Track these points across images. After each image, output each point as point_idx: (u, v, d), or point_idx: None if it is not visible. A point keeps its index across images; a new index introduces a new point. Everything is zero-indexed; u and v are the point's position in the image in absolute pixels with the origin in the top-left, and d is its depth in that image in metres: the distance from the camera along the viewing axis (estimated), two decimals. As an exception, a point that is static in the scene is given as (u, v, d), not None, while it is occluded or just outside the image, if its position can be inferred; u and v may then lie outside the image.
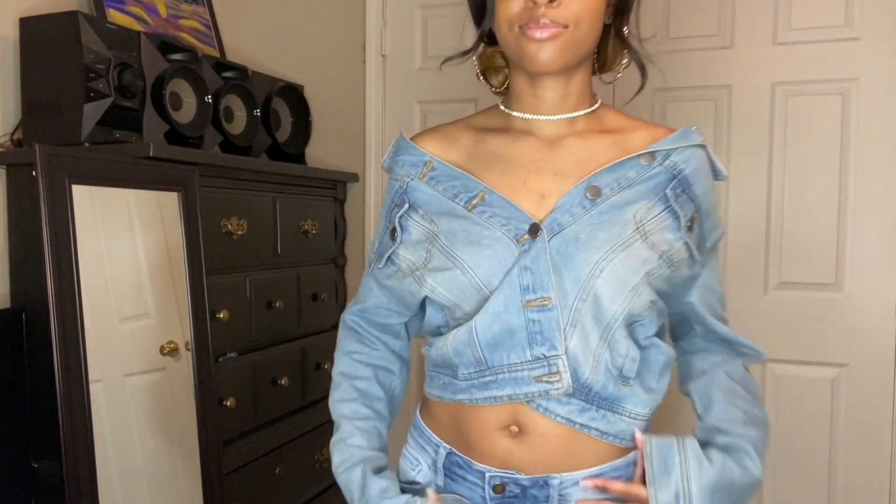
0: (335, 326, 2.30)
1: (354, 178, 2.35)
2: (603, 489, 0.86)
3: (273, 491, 2.00)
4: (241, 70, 2.05)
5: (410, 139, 0.96)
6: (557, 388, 0.83)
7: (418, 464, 0.97)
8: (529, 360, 0.84)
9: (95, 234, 1.47)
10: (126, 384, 1.54)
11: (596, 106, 0.94)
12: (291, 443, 2.08)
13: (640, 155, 0.87)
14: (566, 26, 0.83)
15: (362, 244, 2.37)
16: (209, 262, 1.70)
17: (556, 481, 0.86)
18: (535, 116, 0.91)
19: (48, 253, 1.31)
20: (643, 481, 0.86)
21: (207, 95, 1.85)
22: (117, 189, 1.51)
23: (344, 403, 1.04)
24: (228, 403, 1.80)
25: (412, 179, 0.93)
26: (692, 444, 0.88)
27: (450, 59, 0.96)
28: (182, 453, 1.64)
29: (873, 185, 1.86)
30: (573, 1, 0.82)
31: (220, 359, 1.82)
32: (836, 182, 1.89)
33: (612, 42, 0.93)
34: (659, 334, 0.91)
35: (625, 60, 0.94)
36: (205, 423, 1.66)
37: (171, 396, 1.64)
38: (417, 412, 1.02)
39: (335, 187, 2.31)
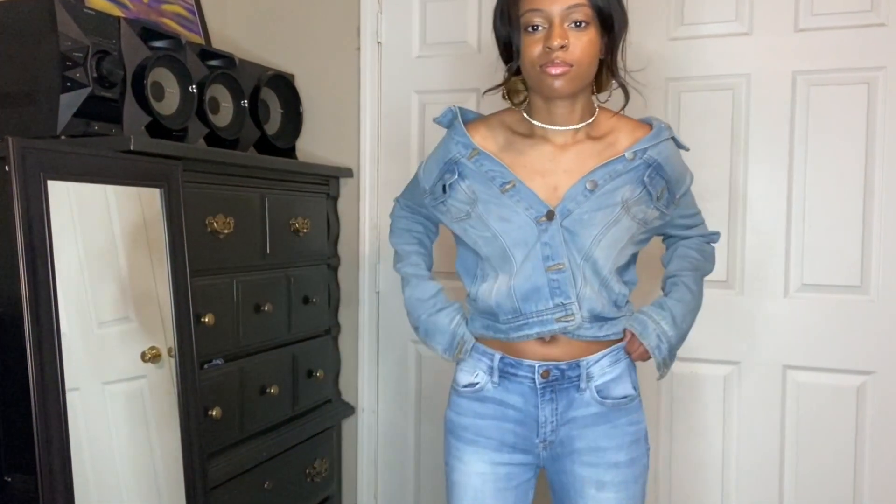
0: (327, 331, 2.32)
1: (348, 173, 2.35)
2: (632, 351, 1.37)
3: (261, 507, 2.00)
4: (228, 58, 2.05)
5: (464, 124, 1.37)
6: (571, 325, 1.30)
7: (475, 371, 1.38)
8: (551, 308, 1.30)
9: (72, 233, 1.47)
10: (105, 393, 1.54)
11: (594, 116, 1.35)
12: (281, 455, 2.08)
13: (624, 154, 1.31)
14: (571, 65, 1.23)
15: (356, 244, 2.37)
16: (193, 262, 1.70)
17: (584, 363, 1.33)
18: (550, 126, 1.32)
19: (22, 253, 1.31)
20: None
21: (192, 85, 1.85)
22: (96, 185, 1.51)
23: (405, 242, 1.52)
24: (214, 413, 1.80)
25: (462, 157, 1.34)
26: (649, 308, 1.39)
27: (490, 90, 1.39)
28: (164, 467, 1.64)
29: (901, 181, 1.87)
30: (576, 48, 1.23)
31: (206, 366, 1.82)
32: (861, 177, 1.89)
33: (605, 72, 1.33)
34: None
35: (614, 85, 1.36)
36: (189, 435, 1.66)
37: (153, 406, 1.64)
38: None
39: (328, 183, 2.32)
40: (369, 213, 2.34)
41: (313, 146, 2.41)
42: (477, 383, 1.37)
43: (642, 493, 1.38)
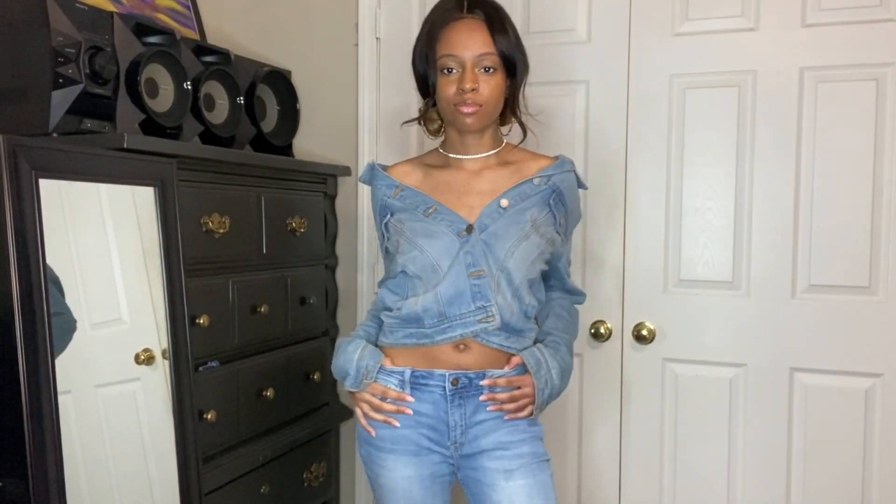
0: (325, 333, 2.33)
1: (346, 171, 2.35)
2: (507, 383, 1.49)
3: (258, 512, 2.00)
4: (223, 54, 2.05)
5: (384, 170, 1.60)
6: (492, 325, 1.46)
7: (388, 384, 1.51)
8: (473, 310, 1.46)
9: (64, 233, 1.47)
10: (98, 395, 1.54)
11: (501, 147, 1.58)
12: (277, 459, 2.08)
13: (532, 178, 1.53)
14: (481, 105, 1.46)
15: (354, 243, 2.36)
16: (188, 262, 1.70)
17: (490, 373, 1.49)
18: (463, 156, 1.55)
19: (13, 253, 1.31)
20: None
21: (186, 82, 1.85)
22: (88, 183, 1.51)
23: (363, 323, 1.64)
24: (209, 417, 1.81)
25: (389, 198, 1.56)
26: (546, 351, 1.52)
27: (409, 121, 1.67)
28: (158, 471, 1.64)
29: (910, 179, 1.87)
30: (485, 90, 1.46)
31: (200, 368, 1.82)
32: (869, 175, 1.89)
33: (507, 110, 1.56)
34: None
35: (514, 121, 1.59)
36: (183, 438, 1.66)
37: (147, 409, 1.64)
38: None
39: (325, 181, 2.32)
40: (368, 212, 2.34)
41: (310, 144, 2.41)
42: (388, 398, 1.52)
43: (552, 483, 1.52)
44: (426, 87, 1.53)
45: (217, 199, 1.86)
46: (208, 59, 2.01)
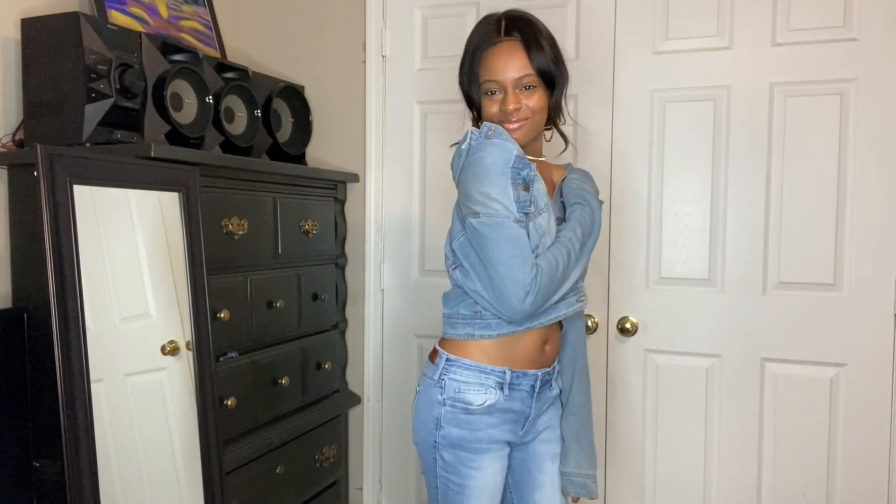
0: (335, 326, 2.33)
1: (355, 178, 2.35)
2: None
3: (273, 490, 2.01)
4: (242, 71, 2.05)
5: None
6: (585, 303, 1.46)
7: (486, 390, 1.41)
8: (569, 290, 1.40)
9: (97, 234, 1.47)
10: (127, 384, 1.54)
11: (543, 158, 1.55)
12: (292, 442, 2.08)
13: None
14: (527, 118, 1.42)
15: (362, 244, 2.37)
16: (210, 261, 1.70)
17: (556, 366, 1.52)
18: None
19: (50, 253, 1.32)
20: None
21: (208, 96, 1.85)
22: (119, 189, 1.51)
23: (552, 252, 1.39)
24: (229, 403, 1.81)
25: (531, 171, 1.37)
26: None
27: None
28: (183, 452, 1.64)
29: (871, 185, 1.87)
30: (527, 106, 1.41)
31: (221, 358, 1.82)
32: (834, 182, 1.89)
33: (549, 119, 1.50)
34: None
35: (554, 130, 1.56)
36: (205, 423, 1.66)
37: (172, 396, 1.64)
38: (459, 363, 1.43)
39: (335, 187, 2.32)
40: (374, 215, 2.34)
41: (322, 153, 2.41)
42: (488, 400, 1.41)
43: None
44: (472, 102, 1.50)
45: (236, 203, 1.87)
46: (228, 75, 2.01)
